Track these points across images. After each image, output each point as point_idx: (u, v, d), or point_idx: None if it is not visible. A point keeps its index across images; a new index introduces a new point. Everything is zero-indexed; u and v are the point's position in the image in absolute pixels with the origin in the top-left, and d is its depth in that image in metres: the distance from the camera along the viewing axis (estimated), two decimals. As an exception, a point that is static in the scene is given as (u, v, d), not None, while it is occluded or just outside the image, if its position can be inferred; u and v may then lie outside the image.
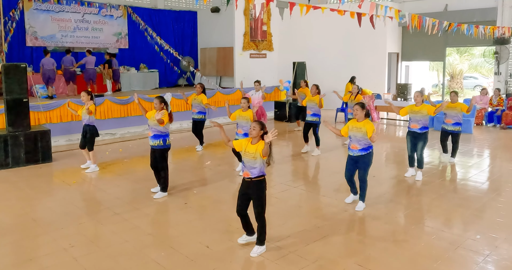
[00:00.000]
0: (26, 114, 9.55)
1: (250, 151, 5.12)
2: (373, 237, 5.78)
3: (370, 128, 6.54)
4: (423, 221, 6.35)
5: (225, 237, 5.73)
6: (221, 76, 19.69)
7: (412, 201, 7.27)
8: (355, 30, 18.18)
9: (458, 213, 6.68)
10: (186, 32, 20.86)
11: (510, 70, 15.93)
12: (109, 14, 18.39)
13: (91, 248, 5.41)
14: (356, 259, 5.11)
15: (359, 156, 6.67)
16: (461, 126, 9.50)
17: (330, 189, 7.91)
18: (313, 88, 10.42)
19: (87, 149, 9.05)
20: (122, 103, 12.74)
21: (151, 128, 7.28)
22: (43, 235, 5.84)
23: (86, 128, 8.91)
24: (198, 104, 10.73)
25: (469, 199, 7.33)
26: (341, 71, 17.11)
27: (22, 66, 9.39)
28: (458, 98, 9.63)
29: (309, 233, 5.87)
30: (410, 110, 8.38)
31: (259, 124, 5.15)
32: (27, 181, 8.43)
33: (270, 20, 18.82)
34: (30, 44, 16.55)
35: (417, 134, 8.30)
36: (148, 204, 7.03)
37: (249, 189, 5.17)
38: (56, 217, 6.51)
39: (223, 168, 9.42)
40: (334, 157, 10.55)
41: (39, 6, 16.48)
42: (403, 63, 19.50)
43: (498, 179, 8.68)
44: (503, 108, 14.30)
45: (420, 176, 8.41)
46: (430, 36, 18.01)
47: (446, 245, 5.46)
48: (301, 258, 5.10)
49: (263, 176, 5.17)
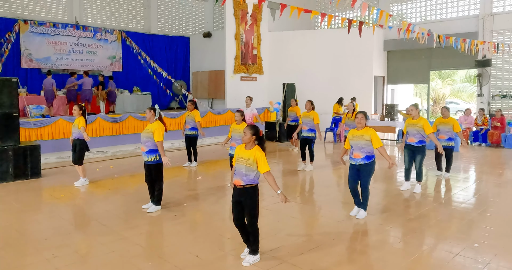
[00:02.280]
0: (16, 128, 9.13)
1: (244, 156, 4.74)
2: (368, 246, 5.40)
3: (374, 135, 6.26)
4: (420, 231, 5.98)
5: (216, 247, 5.31)
6: (213, 99, 19.47)
7: (408, 212, 6.90)
8: (342, 54, 18.24)
9: (453, 223, 6.32)
10: (179, 56, 20.74)
11: (492, 92, 15.84)
12: (103, 38, 18.22)
13: (75, 258, 4.95)
14: (353, 267, 4.71)
15: (361, 165, 6.34)
16: (454, 142, 9.24)
17: (323, 201, 7.54)
18: (307, 104, 10.14)
19: (77, 164, 8.63)
20: (114, 121, 12.35)
21: (145, 143, 6.80)
22: (26, 246, 5.37)
23: (76, 142, 8.50)
24: (191, 120, 10.39)
25: (463, 210, 6.99)
26: (330, 94, 16.90)
27: (13, 80, 9.02)
28: (449, 113, 9.40)
29: (303, 243, 5.46)
30: (407, 124, 8.12)
31: (250, 129, 4.76)
32: (15, 195, 7.95)
33: (260, 45, 18.73)
34: (25, 66, 16.25)
35: (415, 147, 8.01)
36: (137, 217, 6.58)
37: (241, 197, 4.76)
38: (41, 228, 6.06)
39: (214, 183, 9.01)
40: (326, 172, 10.19)
41: (35, 29, 16.25)
42: (389, 86, 19.41)
43: (488, 192, 8.36)
44: (488, 127, 14.12)
45: (419, 188, 8.07)
46: (414, 60, 18.09)
47: (444, 253, 5.08)
48: (295, 266, 4.69)
49: (256, 184, 4.79)
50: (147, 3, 19.93)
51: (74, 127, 8.50)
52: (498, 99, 15.63)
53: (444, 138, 9.13)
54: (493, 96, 15.77)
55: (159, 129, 6.77)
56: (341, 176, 9.69)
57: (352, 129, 6.64)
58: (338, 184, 9.15)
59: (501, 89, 15.60)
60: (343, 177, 9.54)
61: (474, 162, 11.58)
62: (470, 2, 16.43)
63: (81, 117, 8.53)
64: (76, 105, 8.64)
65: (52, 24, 16.65)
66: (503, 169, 10.56)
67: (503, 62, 15.51)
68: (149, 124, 6.92)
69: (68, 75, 16.53)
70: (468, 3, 16.53)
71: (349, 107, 11.26)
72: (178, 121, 13.69)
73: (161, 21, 20.38)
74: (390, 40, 18.37)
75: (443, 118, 9.27)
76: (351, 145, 6.47)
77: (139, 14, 19.80)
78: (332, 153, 13.15)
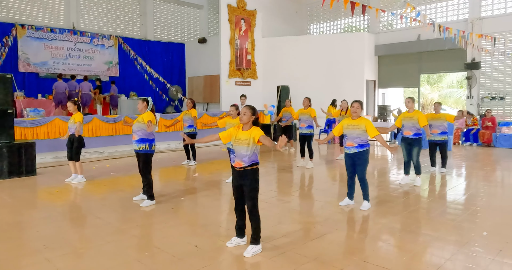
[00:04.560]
0: (11, 125, 8.68)
1: (242, 137, 4.37)
2: (374, 237, 5.00)
3: (369, 124, 5.94)
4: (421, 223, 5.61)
5: (216, 238, 4.88)
6: (208, 103, 19.10)
7: (409, 203, 6.53)
8: (334, 59, 17.98)
9: (452, 217, 5.96)
10: (175, 62, 20.39)
11: (481, 94, 15.59)
12: (100, 44, 17.82)
13: (68, 249, 4.51)
14: (360, 255, 4.32)
15: (355, 153, 6.02)
16: (447, 135, 8.93)
17: (323, 195, 7.14)
18: (305, 101, 9.80)
19: (74, 161, 8.19)
20: (110, 122, 11.93)
21: (136, 132, 6.48)
22: (16, 238, 4.94)
23: (73, 137, 8.08)
24: (189, 118, 10.00)
25: (462, 204, 6.64)
26: (322, 97, 16.55)
27: (8, 76, 8.59)
28: (441, 109, 9.10)
29: (306, 232, 5.07)
30: (403, 117, 7.82)
31: (250, 108, 4.41)
32: (8, 191, 7.47)
33: (254, 50, 18.43)
34: (23, 70, 15.80)
35: (411, 140, 7.73)
36: (134, 210, 6.15)
37: (243, 179, 4.39)
38: (33, 221, 5.63)
39: (212, 179, 8.60)
40: (323, 169, 9.82)
41: (32, 34, 15.84)
42: (380, 90, 19.14)
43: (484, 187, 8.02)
44: (478, 127, 13.86)
45: (419, 181, 7.75)
46: (404, 64, 17.86)
47: (454, 242, 4.72)
48: (299, 255, 4.29)
49: (257, 164, 4.42)
50: (143, 10, 19.59)
51: (71, 123, 8.08)
52: (487, 101, 15.38)
53: (437, 132, 8.82)
54: (482, 98, 15.52)
55: (149, 117, 6.50)
56: (338, 172, 9.31)
57: (347, 118, 6.31)
58: (335, 179, 8.76)
59: (490, 91, 15.36)
60: (339, 173, 9.18)
61: (468, 160, 11.26)
62: (459, 7, 16.24)
63: (78, 113, 8.14)
64: (70, 101, 8.21)
65: (49, 29, 16.26)
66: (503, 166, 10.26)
67: (492, 65, 15.28)
68: (140, 115, 6.59)
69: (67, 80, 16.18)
70: (457, 7, 16.34)
71: (343, 105, 10.91)
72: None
73: (157, 27, 20.03)
74: (381, 45, 18.14)
75: (435, 113, 8.98)
76: (344, 134, 6.15)
77: (135, 20, 19.44)
78: (326, 154, 12.78)
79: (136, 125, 6.51)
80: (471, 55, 15.52)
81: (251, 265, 4.13)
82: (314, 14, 21.55)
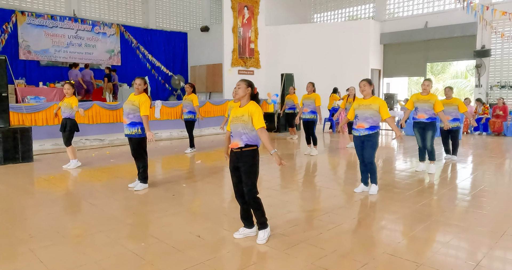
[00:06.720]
0: (5, 109, 8.11)
1: (238, 114, 3.79)
2: (395, 228, 4.43)
3: (383, 105, 5.35)
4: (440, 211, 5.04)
5: (220, 227, 4.33)
6: (211, 92, 18.49)
7: (428, 191, 5.94)
8: (339, 47, 17.33)
9: (478, 206, 5.38)
10: (177, 51, 19.74)
11: (490, 82, 14.95)
12: (102, 32, 17.17)
13: (55, 239, 3.95)
14: (386, 248, 3.74)
15: (365, 136, 5.47)
16: (459, 122, 8.32)
17: (332, 182, 6.57)
18: (309, 86, 9.17)
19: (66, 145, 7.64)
20: (111, 109, 11.34)
21: (128, 115, 5.76)
22: (1, 227, 4.36)
23: (66, 121, 7.51)
24: (188, 104, 9.43)
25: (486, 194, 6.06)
26: (326, 87, 15.92)
27: (1, 58, 8.00)
28: (452, 94, 8.48)
29: (319, 221, 4.49)
30: (416, 100, 7.16)
31: (244, 81, 3.84)
32: (2, 178, 6.91)
33: (258, 39, 17.78)
34: (23, 58, 15.19)
35: (424, 124, 7.08)
36: (130, 197, 5.60)
37: (239, 162, 3.79)
38: (21, 208, 5.07)
39: (214, 166, 8.04)
40: (329, 155, 9.22)
41: (33, 21, 15.20)
42: (385, 79, 18.50)
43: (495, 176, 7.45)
44: (489, 116, 13.24)
45: (434, 169, 7.15)
46: (411, 52, 17.20)
47: (487, 234, 4.15)
48: (315, 247, 3.72)
49: (256, 146, 3.81)
50: (145, -2, 18.93)
51: (65, 106, 7.51)
52: (496, 89, 14.74)
53: (449, 119, 8.12)
54: (492, 87, 14.88)
55: (146, 103, 5.78)
56: (345, 160, 8.73)
57: (359, 98, 5.73)
58: (343, 166, 8.18)
59: (500, 79, 14.71)
60: (347, 160, 8.60)
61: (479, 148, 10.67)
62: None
63: (73, 96, 7.57)
64: (68, 83, 7.63)
65: (50, 16, 15.62)
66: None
67: (502, 52, 14.61)
68: (134, 95, 5.89)
69: (67, 68, 15.65)
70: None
71: (351, 91, 10.21)
72: (176, 110, 12.70)
73: (159, 16, 19.35)
74: (386, 33, 17.47)
75: (447, 98, 8.37)
76: (356, 115, 5.58)
77: (137, 8, 18.75)
78: (330, 142, 12.16)
79: (128, 107, 5.77)
80: (481, 42, 14.85)
81: (261, 259, 3.56)
82: (318, 2, 20.85)
